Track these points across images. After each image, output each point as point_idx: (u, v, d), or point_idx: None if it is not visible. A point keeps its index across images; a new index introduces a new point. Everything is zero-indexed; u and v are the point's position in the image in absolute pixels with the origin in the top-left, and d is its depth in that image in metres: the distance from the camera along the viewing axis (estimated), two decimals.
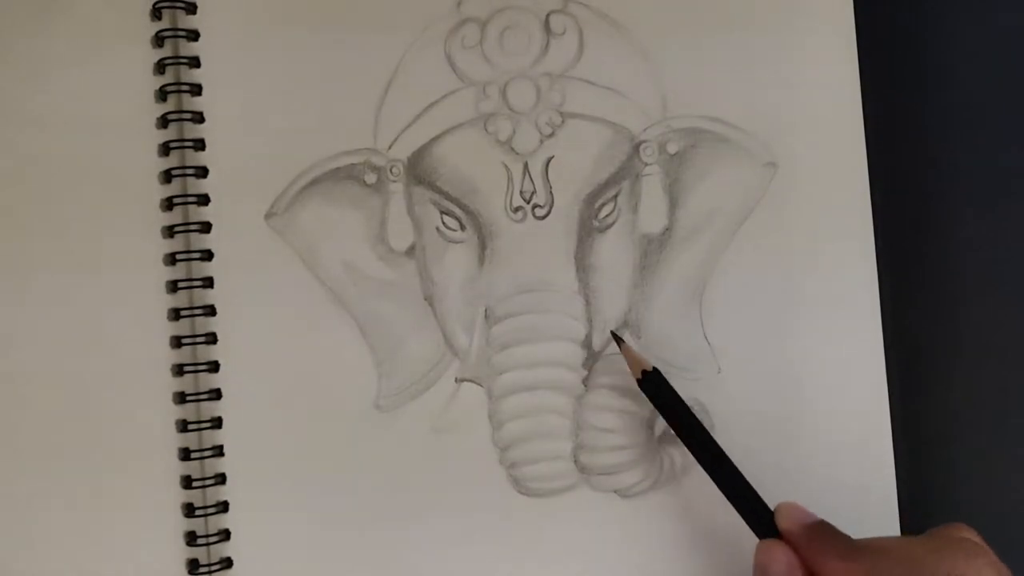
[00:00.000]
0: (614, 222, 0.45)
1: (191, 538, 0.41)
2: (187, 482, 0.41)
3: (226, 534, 0.42)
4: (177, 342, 0.42)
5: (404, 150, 0.44)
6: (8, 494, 0.41)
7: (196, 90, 0.43)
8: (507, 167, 0.44)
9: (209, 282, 0.42)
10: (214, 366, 0.42)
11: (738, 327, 0.45)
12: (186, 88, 0.43)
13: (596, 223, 0.44)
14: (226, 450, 0.42)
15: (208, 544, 0.41)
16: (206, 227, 0.42)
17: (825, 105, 0.45)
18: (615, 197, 0.45)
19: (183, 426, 0.42)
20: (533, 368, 0.44)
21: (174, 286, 0.42)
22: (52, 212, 0.42)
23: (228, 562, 0.42)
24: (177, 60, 0.43)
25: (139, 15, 0.43)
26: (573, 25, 0.45)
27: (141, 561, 0.41)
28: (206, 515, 0.42)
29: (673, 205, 0.45)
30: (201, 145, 0.43)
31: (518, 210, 0.44)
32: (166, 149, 0.42)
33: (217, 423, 0.42)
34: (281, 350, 0.43)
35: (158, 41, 0.43)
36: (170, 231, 0.42)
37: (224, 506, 0.42)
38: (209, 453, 0.42)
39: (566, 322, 0.44)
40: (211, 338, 0.42)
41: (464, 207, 0.44)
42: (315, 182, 0.43)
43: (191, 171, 0.42)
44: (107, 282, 0.42)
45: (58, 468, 0.41)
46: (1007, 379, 0.47)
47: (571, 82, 0.45)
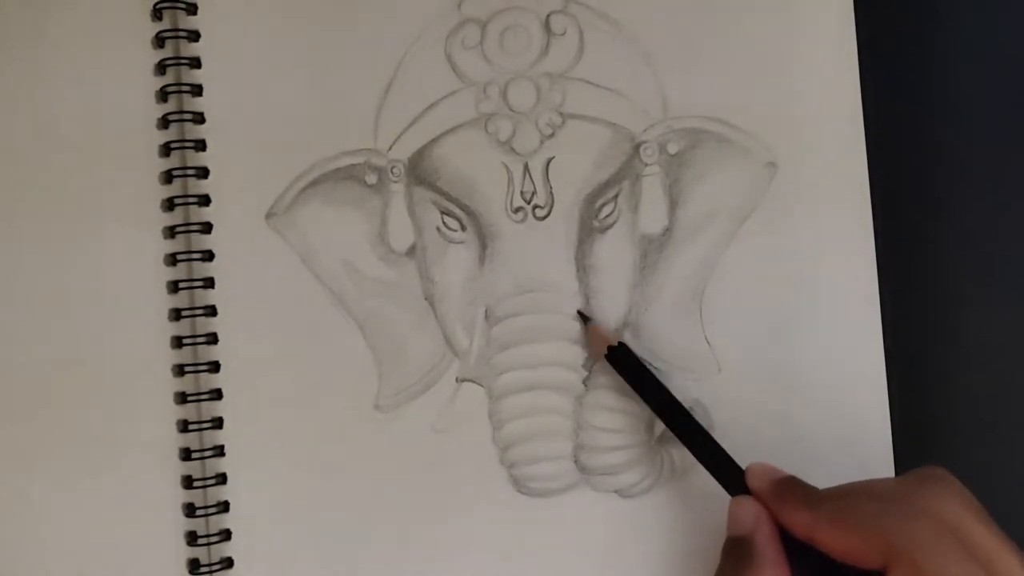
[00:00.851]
0: (614, 222, 0.45)
1: (192, 538, 0.42)
2: (188, 482, 0.42)
3: (227, 534, 0.42)
4: (178, 342, 0.42)
5: (405, 150, 0.44)
6: (9, 494, 0.41)
7: (197, 91, 0.43)
8: (507, 167, 0.44)
9: (210, 282, 0.42)
10: (215, 366, 0.42)
11: (738, 327, 0.45)
12: (187, 89, 0.43)
13: (596, 223, 0.44)
14: (227, 450, 0.42)
15: (209, 544, 0.42)
16: (207, 228, 0.43)
17: (825, 105, 0.45)
18: (615, 197, 0.45)
19: (184, 426, 0.42)
20: (533, 368, 0.44)
21: (175, 286, 0.42)
22: (53, 212, 0.42)
23: (229, 562, 0.42)
24: (178, 61, 0.43)
25: (139, 16, 0.43)
26: (573, 25, 0.45)
27: (141, 561, 0.41)
28: (207, 515, 0.42)
29: (673, 205, 0.45)
30: (202, 146, 0.43)
31: (518, 210, 0.44)
32: (167, 150, 0.43)
33: (218, 423, 0.42)
34: (281, 350, 0.43)
35: (159, 42, 0.43)
36: (171, 231, 0.42)
37: (225, 506, 0.42)
38: (210, 453, 0.42)
39: (566, 322, 0.44)
40: (212, 338, 0.42)
41: (465, 207, 0.44)
42: (316, 183, 0.43)
43: (192, 172, 0.42)
44: (108, 282, 0.42)
45: (59, 468, 0.41)
46: (1007, 379, 0.47)
47: (571, 82, 0.45)
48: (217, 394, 0.42)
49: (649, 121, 0.45)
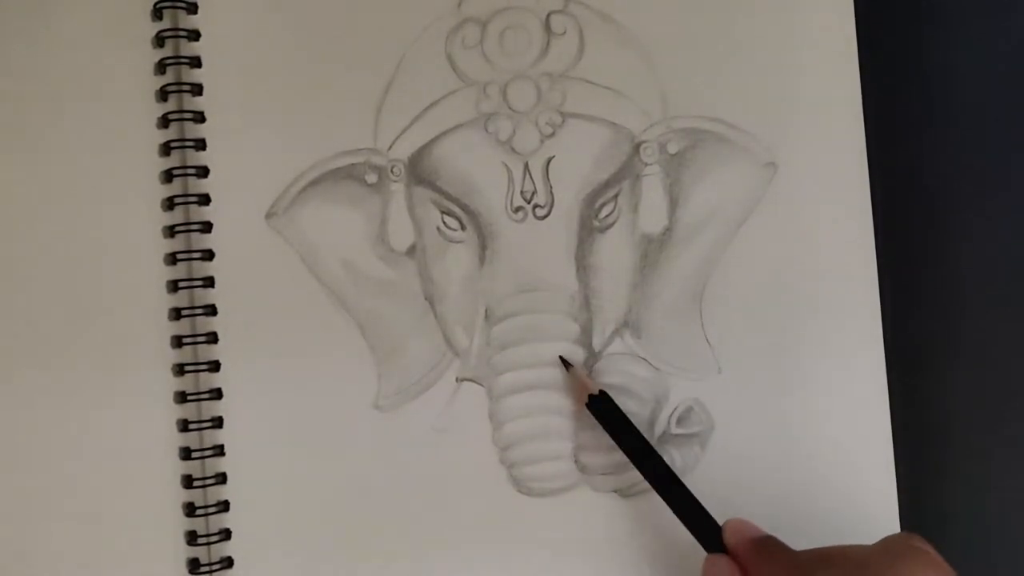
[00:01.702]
0: (614, 222, 0.45)
1: (192, 537, 0.42)
2: (188, 481, 0.42)
3: (227, 533, 0.42)
4: (178, 342, 0.42)
5: (405, 150, 0.44)
6: (9, 494, 0.41)
7: (197, 90, 0.43)
8: (507, 167, 0.44)
9: (210, 282, 0.42)
10: (215, 365, 0.42)
11: (738, 327, 0.45)
12: (187, 88, 0.43)
13: (596, 223, 0.44)
14: (227, 450, 0.42)
15: (209, 543, 0.42)
16: (207, 227, 0.43)
17: (825, 105, 0.45)
18: (615, 197, 0.45)
19: (184, 425, 0.42)
20: (533, 368, 0.44)
21: (175, 286, 0.42)
22: (52, 212, 0.42)
23: (229, 561, 0.42)
24: (178, 60, 0.43)
25: (140, 15, 0.43)
26: (573, 25, 0.45)
27: (141, 560, 0.41)
28: (207, 514, 0.42)
29: (673, 205, 0.45)
30: (202, 145, 0.43)
31: (519, 210, 0.44)
32: (167, 149, 0.43)
33: (218, 422, 0.42)
34: (281, 350, 0.43)
35: (159, 41, 0.43)
36: (171, 231, 0.42)
37: (225, 505, 0.42)
38: (210, 452, 0.42)
39: (566, 322, 0.44)
40: (212, 337, 0.42)
41: (464, 207, 0.44)
42: (315, 182, 0.43)
43: (192, 171, 0.42)
44: (107, 282, 0.42)
45: (59, 468, 0.41)
46: (1007, 379, 0.47)
47: (571, 82, 0.45)
48: (217, 393, 0.42)
49: (649, 121, 0.45)
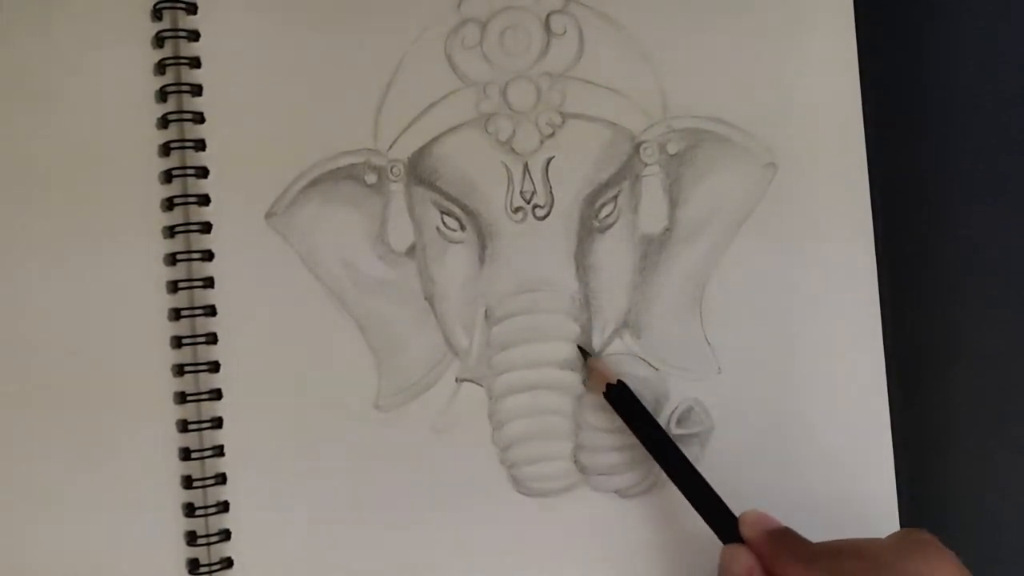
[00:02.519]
0: (614, 222, 0.45)
1: (191, 538, 0.41)
2: (187, 482, 0.42)
3: (226, 534, 0.42)
4: (177, 342, 0.42)
5: (404, 150, 0.44)
6: (9, 494, 0.41)
7: (196, 90, 0.43)
8: (507, 167, 0.44)
9: (209, 282, 0.42)
10: (214, 366, 0.42)
11: (738, 327, 0.45)
12: (186, 88, 0.43)
13: (596, 223, 0.44)
14: (226, 450, 0.42)
15: (208, 544, 0.42)
16: (206, 227, 0.43)
17: (825, 105, 0.45)
18: (615, 197, 0.45)
19: (183, 426, 0.42)
20: (533, 368, 0.44)
21: (174, 286, 0.42)
22: (52, 212, 0.42)
23: (228, 562, 0.42)
24: (177, 60, 0.43)
25: (139, 15, 0.43)
26: (573, 25, 0.45)
27: (141, 561, 0.41)
28: (206, 515, 0.42)
29: (673, 205, 0.45)
30: (201, 145, 0.43)
31: (518, 210, 0.44)
32: (167, 149, 0.43)
33: (217, 423, 0.42)
34: (281, 350, 0.43)
35: (158, 42, 0.43)
36: (171, 231, 0.42)
37: (224, 506, 0.42)
38: (209, 453, 0.42)
39: (566, 322, 0.44)
40: (211, 338, 0.42)
41: (464, 207, 0.44)
42: (315, 182, 0.43)
43: (191, 171, 0.42)
44: (107, 282, 0.42)
45: (59, 467, 0.41)
46: (1007, 380, 0.47)
47: (571, 82, 0.45)
48: (217, 394, 0.42)
49: (649, 121, 0.45)
